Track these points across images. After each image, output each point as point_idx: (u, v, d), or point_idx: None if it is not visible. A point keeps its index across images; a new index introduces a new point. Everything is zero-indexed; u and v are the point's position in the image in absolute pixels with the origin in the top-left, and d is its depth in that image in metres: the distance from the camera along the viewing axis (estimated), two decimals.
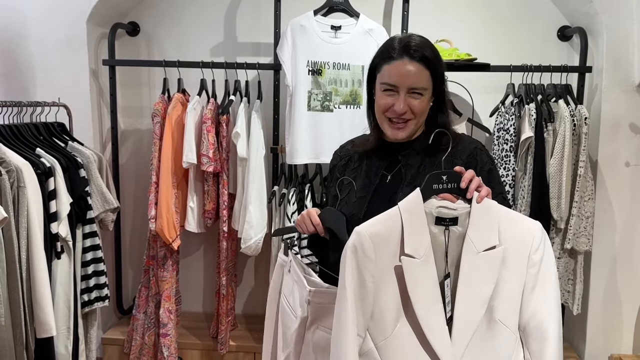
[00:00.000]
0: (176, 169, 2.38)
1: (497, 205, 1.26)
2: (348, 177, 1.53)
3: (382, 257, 1.20)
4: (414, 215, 1.21)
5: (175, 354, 2.47)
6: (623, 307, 2.48)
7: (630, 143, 2.41)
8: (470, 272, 1.20)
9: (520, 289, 1.23)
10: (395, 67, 1.40)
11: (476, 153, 1.46)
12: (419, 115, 1.42)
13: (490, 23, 2.64)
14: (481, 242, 1.21)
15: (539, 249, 1.22)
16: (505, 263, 1.21)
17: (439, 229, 1.23)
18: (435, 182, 1.23)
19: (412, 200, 1.22)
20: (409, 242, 1.19)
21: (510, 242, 1.22)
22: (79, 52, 2.54)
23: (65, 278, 2.11)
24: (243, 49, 2.73)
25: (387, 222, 1.21)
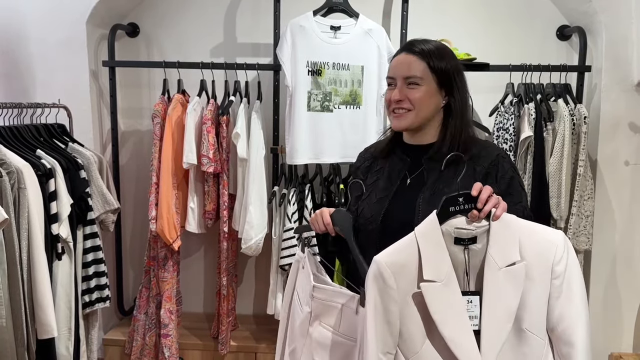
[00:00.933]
0: (176, 170, 2.38)
1: (517, 219, 1.27)
2: (371, 178, 1.57)
3: (403, 283, 1.23)
4: (431, 240, 1.24)
5: (176, 355, 2.47)
6: (623, 306, 2.49)
7: (630, 142, 2.41)
8: (494, 288, 1.23)
9: (545, 298, 1.25)
10: (394, 61, 1.51)
11: (498, 160, 1.46)
12: (417, 105, 1.45)
13: (489, 23, 2.65)
14: (502, 258, 1.23)
15: (562, 259, 1.24)
16: (528, 276, 1.23)
17: (459, 248, 1.26)
18: (452, 204, 1.25)
19: (429, 224, 1.25)
20: (427, 268, 1.22)
21: (533, 255, 1.23)
22: (79, 53, 2.54)
23: (66, 279, 2.11)
24: (243, 50, 2.74)
25: (404, 250, 1.25)
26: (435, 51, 1.47)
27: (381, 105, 2.43)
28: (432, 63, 1.45)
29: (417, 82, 1.45)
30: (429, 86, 1.46)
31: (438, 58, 1.47)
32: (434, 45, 1.49)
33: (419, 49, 1.46)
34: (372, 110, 2.42)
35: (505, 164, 1.48)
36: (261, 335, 2.62)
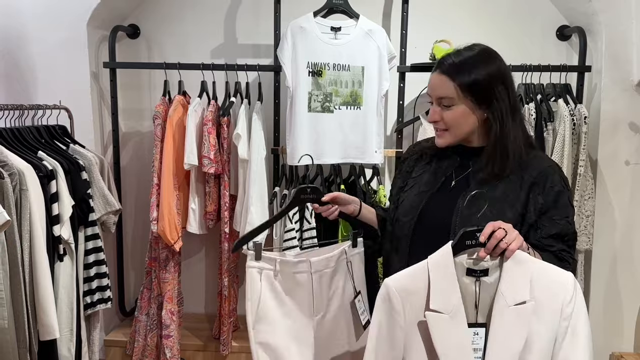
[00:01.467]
0: (177, 171, 2.39)
1: (530, 258, 1.27)
2: (417, 172, 1.58)
3: (410, 310, 1.25)
4: (442, 271, 1.24)
5: (177, 355, 2.47)
6: (624, 305, 2.49)
7: (630, 142, 2.42)
8: (501, 325, 1.23)
9: (552, 340, 1.24)
10: (429, 80, 1.48)
11: (548, 172, 1.42)
12: (451, 125, 1.44)
13: (489, 23, 2.65)
14: (512, 296, 1.23)
15: (572, 301, 1.24)
16: (537, 316, 1.23)
17: (470, 280, 1.26)
18: (469, 238, 1.25)
19: (442, 255, 1.25)
20: (434, 298, 1.23)
21: (543, 295, 1.23)
22: (80, 54, 2.55)
23: (68, 280, 2.12)
24: (243, 51, 2.74)
25: (415, 277, 1.26)
26: (465, 66, 1.41)
27: (381, 106, 2.44)
28: (462, 81, 1.40)
29: (450, 103, 1.42)
30: (463, 105, 1.41)
31: (469, 73, 1.40)
32: (467, 57, 1.43)
33: (448, 66, 1.42)
34: (373, 111, 2.42)
35: (555, 176, 1.43)
36: None
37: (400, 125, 2.52)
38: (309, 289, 1.58)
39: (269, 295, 1.55)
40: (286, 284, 1.56)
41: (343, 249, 1.62)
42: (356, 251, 1.67)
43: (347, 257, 1.63)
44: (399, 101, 2.50)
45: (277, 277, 1.55)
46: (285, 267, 1.56)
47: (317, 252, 1.61)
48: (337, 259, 1.61)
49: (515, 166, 1.42)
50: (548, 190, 1.40)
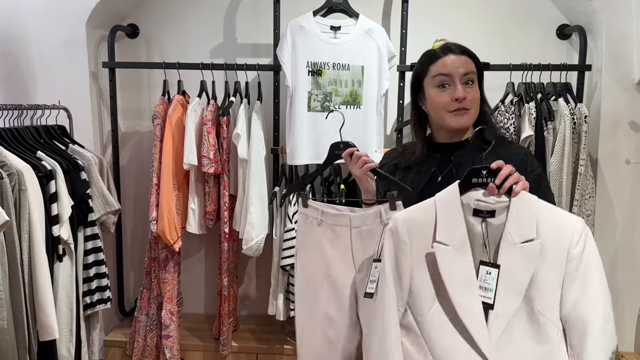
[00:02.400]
0: (177, 171, 2.38)
1: (537, 200, 1.29)
2: (399, 174, 1.61)
3: (417, 241, 1.30)
4: (449, 207, 1.29)
5: (177, 356, 2.47)
6: (625, 305, 2.49)
7: (630, 141, 2.41)
8: (508, 263, 1.25)
9: (559, 282, 1.25)
10: (443, 61, 1.50)
11: (527, 158, 1.51)
12: (475, 104, 1.51)
13: (489, 22, 2.64)
14: (519, 234, 1.25)
15: (579, 243, 1.24)
16: (543, 256, 1.24)
17: (477, 220, 1.30)
18: (475, 176, 1.29)
19: (449, 192, 1.31)
20: (441, 231, 1.27)
21: (549, 235, 1.25)
22: (79, 54, 2.54)
23: (67, 281, 2.11)
24: (243, 50, 2.74)
25: (422, 211, 1.32)
26: (472, 52, 1.54)
27: (381, 105, 2.43)
28: (476, 59, 1.52)
29: (472, 80, 1.50)
30: (477, 84, 1.52)
31: (476, 57, 1.54)
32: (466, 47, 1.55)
33: (463, 49, 1.51)
34: (373, 110, 2.41)
35: (534, 161, 1.53)
36: (262, 336, 2.62)
37: (400, 124, 2.51)
38: (348, 243, 1.62)
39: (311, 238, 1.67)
40: (328, 233, 1.65)
41: (379, 209, 1.56)
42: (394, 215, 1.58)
43: (381, 219, 1.56)
44: (399, 100, 2.50)
45: (320, 225, 1.65)
46: (327, 218, 1.65)
47: (359, 209, 1.63)
48: (373, 219, 1.57)
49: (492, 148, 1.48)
50: (530, 173, 1.46)
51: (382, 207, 1.56)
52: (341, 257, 1.63)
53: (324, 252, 1.65)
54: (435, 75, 1.51)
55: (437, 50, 1.53)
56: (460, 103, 1.48)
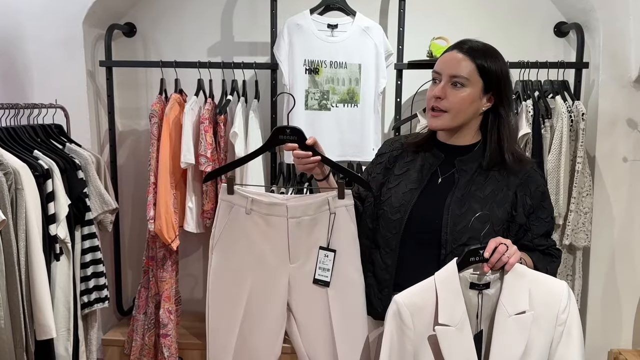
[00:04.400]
0: (174, 170, 2.38)
1: (527, 270, 1.37)
2: (400, 169, 1.56)
3: (419, 325, 1.33)
4: (448, 286, 1.33)
5: (175, 354, 2.47)
6: (622, 302, 2.49)
7: (628, 138, 2.41)
8: (502, 334, 1.32)
9: (548, 345, 1.34)
10: (443, 57, 1.48)
11: (531, 173, 1.48)
12: (453, 107, 1.43)
13: (487, 20, 2.64)
14: (513, 306, 1.32)
15: (566, 308, 1.34)
16: (536, 325, 1.32)
17: (473, 292, 1.36)
18: (473, 255, 1.34)
19: (448, 272, 1.34)
20: (443, 313, 1.31)
21: (540, 305, 1.33)
22: (76, 53, 2.54)
23: (65, 280, 2.11)
24: (240, 49, 2.73)
25: (423, 293, 1.34)
26: (486, 52, 1.45)
27: (379, 104, 2.43)
28: (482, 65, 1.42)
29: (462, 83, 1.42)
30: (473, 89, 1.43)
31: (489, 60, 1.44)
32: (486, 46, 1.47)
33: (470, 47, 1.44)
34: (370, 109, 2.41)
35: (538, 177, 1.50)
36: None
37: (398, 122, 2.51)
38: (284, 233, 1.53)
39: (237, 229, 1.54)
40: (258, 223, 1.53)
41: (326, 199, 1.52)
42: (342, 203, 1.53)
43: (329, 208, 1.52)
44: (397, 99, 2.49)
45: (249, 214, 1.53)
46: (258, 206, 1.53)
47: (299, 198, 1.55)
48: (317, 208, 1.52)
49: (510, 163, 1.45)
50: (534, 192, 1.47)
51: (329, 195, 1.52)
52: (274, 248, 1.54)
53: (252, 243, 1.54)
54: (432, 71, 1.50)
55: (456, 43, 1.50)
56: (436, 102, 1.44)
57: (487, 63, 1.43)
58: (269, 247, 1.54)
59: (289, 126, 1.50)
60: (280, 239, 1.54)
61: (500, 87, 1.45)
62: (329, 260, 1.53)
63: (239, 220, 1.54)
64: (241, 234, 1.55)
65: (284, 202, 1.53)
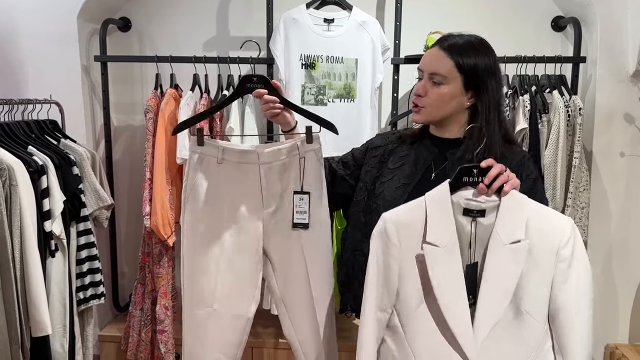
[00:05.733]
0: (170, 165, 2.37)
1: (528, 200, 1.28)
2: (394, 163, 1.57)
3: (406, 243, 1.27)
4: (439, 206, 1.27)
5: (172, 350, 2.46)
6: (619, 297, 2.49)
7: (625, 133, 2.41)
8: (496, 263, 1.24)
9: (548, 282, 1.25)
10: (426, 54, 1.51)
11: (524, 162, 1.48)
12: (430, 103, 1.45)
13: (484, 14, 2.63)
14: (508, 235, 1.24)
15: (568, 244, 1.24)
16: (532, 257, 1.24)
17: (467, 220, 1.28)
18: (466, 174, 1.27)
19: (440, 191, 1.28)
20: (431, 231, 1.25)
21: (538, 236, 1.24)
22: (70, 48, 2.52)
23: (60, 276, 2.10)
24: (235, 43, 2.72)
25: (412, 211, 1.29)
26: (467, 48, 1.43)
27: (375, 99, 2.42)
28: (460, 61, 1.42)
29: (440, 81, 1.43)
30: (453, 86, 1.43)
31: (469, 56, 1.43)
32: (469, 40, 1.45)
33: (450, 44, 1.44)
34: (367, 104, 2.40)
35: (530, 164, 1.50)
36: (257, 330, 2.62)
37: (395, 117, 2.50)
38: (257, 180, 1.56)
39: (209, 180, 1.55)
40: (230, 172, 1.56)
41: (295, 144, 1.56)
42: (310, 147, 1.57)
43: (299, 152, 1.56)
44: (393, 94, 2.48)
45: (220, 164, 1.55)
46: (230, 155, 1.55)
47: (269, 145, 1.57)
48: (287, 153, 1.56)
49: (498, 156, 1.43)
50: (525, 179, 1.44)
51: (298, 140, 1.56)
52: (247, 195, 1.56)
53: (225, 192, 1.56)
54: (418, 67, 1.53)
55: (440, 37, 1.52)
56: (416, 99, 1.48)
57: (466, 59, 1.42)
58: (241, 194, 1.57)
59: (255, 75, 1.54)
60: (253, 185, 1.57)
61: (482, 82, 1.44)
62: (305, 203, 1.57)
63: (210, 170, 1.56)
64: (213, 184, 1.57)
65: (255, 149, 1.56)
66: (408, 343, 1.28)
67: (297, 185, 1.57)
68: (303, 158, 1.56)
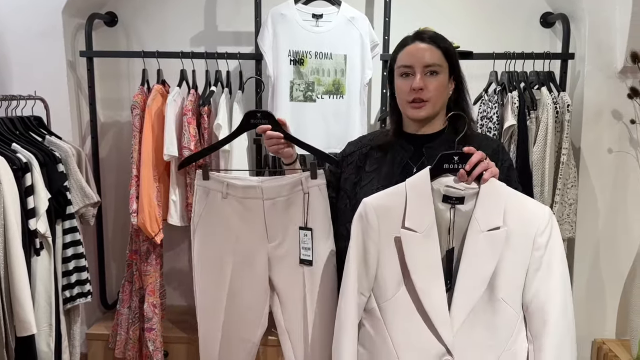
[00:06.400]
0: (157, 162, 2.34)
1: (507, 188, 1.30)
2: (371, 165, 1.58)
3: (385, 227, 1.29)
4: (419, 192, 1.28)
5: (160, 348, 2.45)
6: (606, 293, 2.51)
7: (613, 129, 2.41)
8: (473, 250, 1.26)
9: (523, 270, 1.27)
10: (408, 50, 1.50)
11: (498, 151, 1.52)
12: (433, 95, 1.47)
13: (472, 10, 2.62)
14: (486, 222, 1.26)
15: (545, 232, 1.26)
16: (509, 244, 1.25)
17: (445, 206, 1.29)
18: (447, 161, 1.29)
19: (420, 177, 1.29)
20: (410, 217, 1.27)
21: (516, 224, 1.26)
22: (56, 43, 2.48)
23: (46, 275, 2.07)
24: (223, 39, 2.69)
25: (392, 196, 1.31)
26: (442, 37, 1.51)
27: (365, 95, 2.41)
28: (445, 48, 1.49)
29: (436, 70, 1.47)
30: (444, 74, 1.49)
31: (447, 43, 1.50)
32: (440, 35, 1.52)
33: (431, 37, 1.49)
34: (356, 100, 2.39)
35: (504, 154, 1.54)
36: None
37: (384, 114, 2.49)
38: (261, 215, 1.59)
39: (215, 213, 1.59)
40: (235, 207, 1.59)
41: (299, 179, 1.58)
42: (314, 183, 1.59)
43: (303, 188, 1.58)
44: (383, 90, 2.47)
45: (226, 198, 1.59)
46: (234, 190, 1.58)
47: (273, 180, 1.60)
48: (290, 189, 1.58)
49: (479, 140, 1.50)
50: (500, 167, 1.46)
51: (302, 176, 1.57)
52: (252, 229, 1.60)
53: (231, 226, 1.60)
54: (399, 66, 1.51)
55: (409, 37, 1.53)
56: (417, 94, 1.47)
57: (448, 45, 1.51)
58: (247, 229, 1.61)
59: (259, 110, 1.58)
60: (257, 220, 1.60)
61: (459, 68, 1.53)
62: (308, 239, 1.60)
63: (216, 204, 1.61)
64: (219, 218, 1.61)
65: (258, 184, 1.58)
66: (386, 327, 1.30)
67: (302, 221, 1.59)
68: (307, 194, 1.58)
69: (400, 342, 1.28)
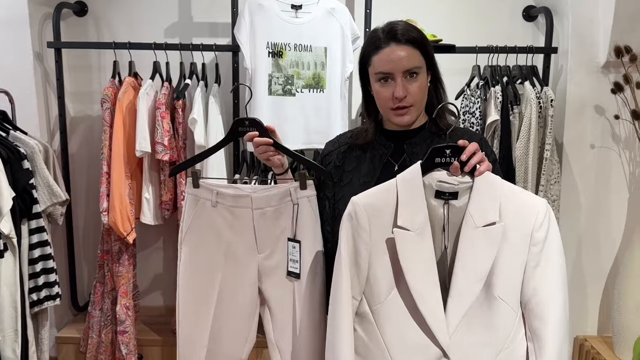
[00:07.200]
0: (129, 158, 2.25)
1: (501, 181, 1.24)
2: (350, 164, 1.53)
3: (377, 227, 1.23)
4: (411, 188, 1.22)
5: (134, 351, 2.36)
6: (588, 289, 2.49)
7: (595, 125, 2.39)
8: (469, 247, 1.20)
9: (521, 266, 1.22)
10: (385, 55, 1.40)
11: (482, 144, 1.46)
12: (417, 98, 1.42)
13: (455, 3, 2.58)
14: (481, 217, 1.20)
15: (542, 226, 1.20)
16: (506, 239, 1.20)
17: (439, 202, 1.23)
18: (438, 155, 1.22)
19: (411, 172, 1.23)
20: (402, 215, 1.20)
21: (512, 218, 1.21)
22: (21, 33, 2.37)
23: (10, 277, 1.97)
24: (199, 30, 2.60)
25: (383, 194, 1.24)
26: (415, 30, 1.42)
27: (345, 89, 2.35)
28: (424, 49, 1.41)
29: (416, 72, 1.40)
30: (424, 73, 1.42)
31: (421, 38, 1.42)
32: (414, 28, 1.43)
33: (406, 37, 1.39)
34: (337, 94, 2.32)
35: (488, 147, 1.49)
36: None
37: None
38: (250, 224, 1.54)
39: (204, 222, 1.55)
40: (225, 216, 1.55)
41: (288, 189, 1.53)
42: (304, 194, 1.54)
43: (292, 199, 1.53)
44: None
45: (215, 207, 1.55)
46: (223, 199, 1.54)
47: (263, 190, 1.55)
48: (279, 199, 1.53)
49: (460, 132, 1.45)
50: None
51: (292, 186, 1.52)
52: (242, 239, 1.55)
53: (220, 234, 1.56)
54: (377, 72, 1.42)
55: (380, 36, 1.41)
56: (401, 102, 1.41)
57: (422, 41, 1.42)
58: (236, 239, 1.56)
59: (247, 118, 1.52)
60: (247, 230, 1.55)
61: (433, 58, 1.45)
62: (296, 252, 1.55)
63: (205, 213, 1.56)
64: (208, 227, 1.56)
65: (248, 193, 1.54)
66: (379, 331, 1.24)
67: (291, 232, 1.55)
68: (296, 205, 1.53)
69: (394, 346, 1.22)
